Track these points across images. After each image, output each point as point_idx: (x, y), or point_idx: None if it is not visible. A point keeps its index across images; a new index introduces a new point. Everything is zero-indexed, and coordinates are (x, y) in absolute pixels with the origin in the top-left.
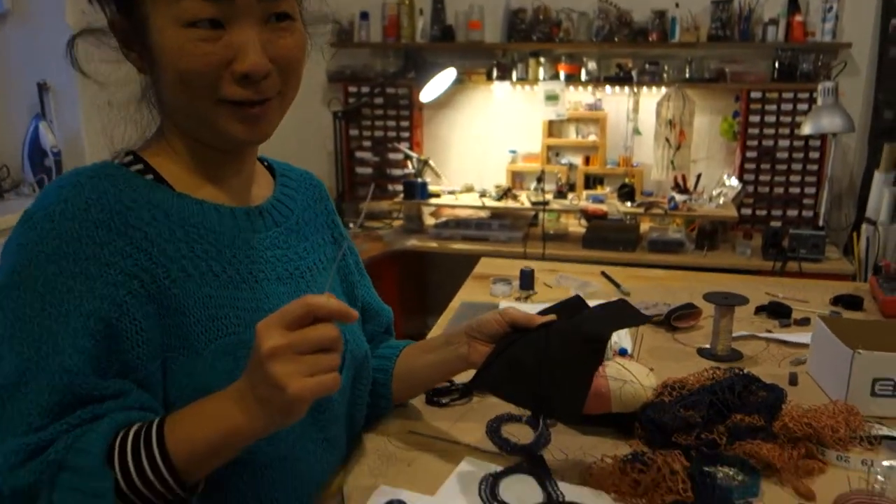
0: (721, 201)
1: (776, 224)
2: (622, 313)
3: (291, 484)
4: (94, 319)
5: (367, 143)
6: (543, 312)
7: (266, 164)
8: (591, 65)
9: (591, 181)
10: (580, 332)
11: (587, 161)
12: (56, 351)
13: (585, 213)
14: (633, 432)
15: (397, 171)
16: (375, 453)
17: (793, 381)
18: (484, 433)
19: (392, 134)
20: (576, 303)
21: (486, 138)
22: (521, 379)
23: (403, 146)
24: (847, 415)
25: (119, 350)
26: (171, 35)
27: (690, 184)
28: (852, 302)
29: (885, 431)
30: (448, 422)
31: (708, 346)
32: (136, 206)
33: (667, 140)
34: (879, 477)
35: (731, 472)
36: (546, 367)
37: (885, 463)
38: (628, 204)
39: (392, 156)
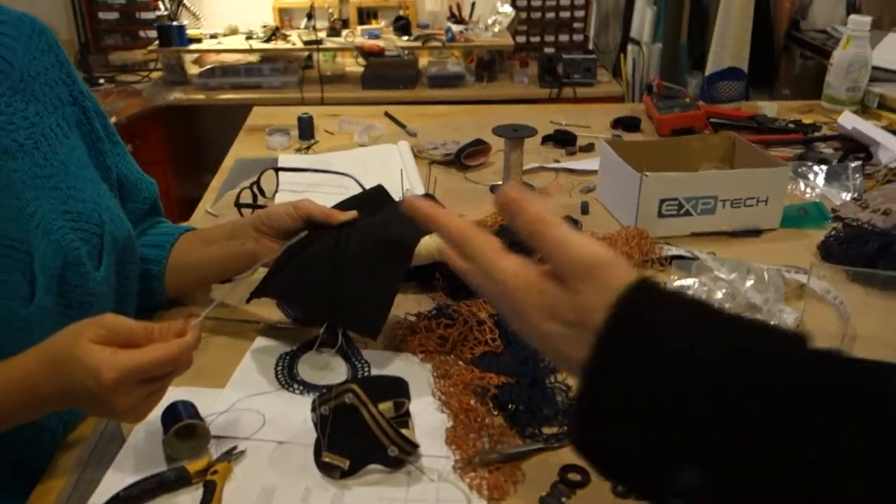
0: (497, 30)
1: (549, 50)
2: None
3: None
4: None
5: None
6: (342, 206)
7: None
8: None
9: (365, 15)
10: (386, 235)
11: None
12: None
13: (362, 51)
14: (434, 285)
15: (148, 15)
16: None
17: (584, 209)
18: (276, 306)
19: None
20: (378, 193)
21: None
22: (316, 286)
23: None
24: (639, 239)
25: None
26: None
27: (465, 13)
28: (630, 124)
29: (674, 251)
30: (236, 297)
31: (500, 182)
32: None
33: None
34: None
35: None
36: (345, 272)
37: (677, 283)
38: (405, 38)
39: None
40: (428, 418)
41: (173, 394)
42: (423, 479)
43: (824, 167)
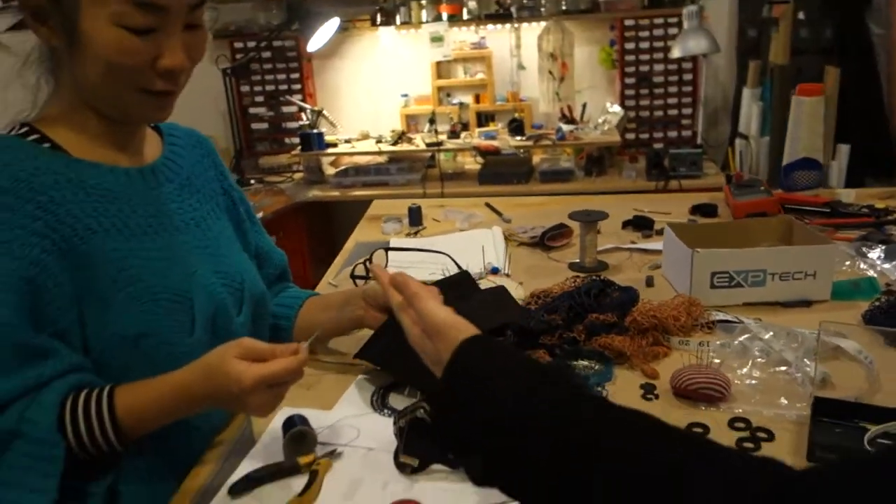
0: (606, 128)
1: (658, 146)
2: (504, 305)
3: (207, 412)
4: (16, 278)
5: (259, 99)
6: None
7: (152, 124)
8: (472, 3)
9: (483, 118)
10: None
11: (477, 99)
12: None
13: (479, 150)
14: (505, 339)
15: (292, 124)
16: None
17: (649, 282)
18: None
19: (283, 87)
20: (463, 279)
21: (377, 84)
22: (407, 356)
23: (296, 98)
24: (688, 305)
25: (41, 303)
26: (105, 30)
27: (576, 114)
28: (707, 210)
29: (720, 316)
30: (345, 348)
31: (577, 260)
32: (39, 173)
33: (550, 73)
34: (712, 353)
35: (588, 363)
36: None
37: (718, 342)
38: (519, 138)
39: (286, 109)
40: None
41: (294, 410)
42: None
43: (884, 246)
